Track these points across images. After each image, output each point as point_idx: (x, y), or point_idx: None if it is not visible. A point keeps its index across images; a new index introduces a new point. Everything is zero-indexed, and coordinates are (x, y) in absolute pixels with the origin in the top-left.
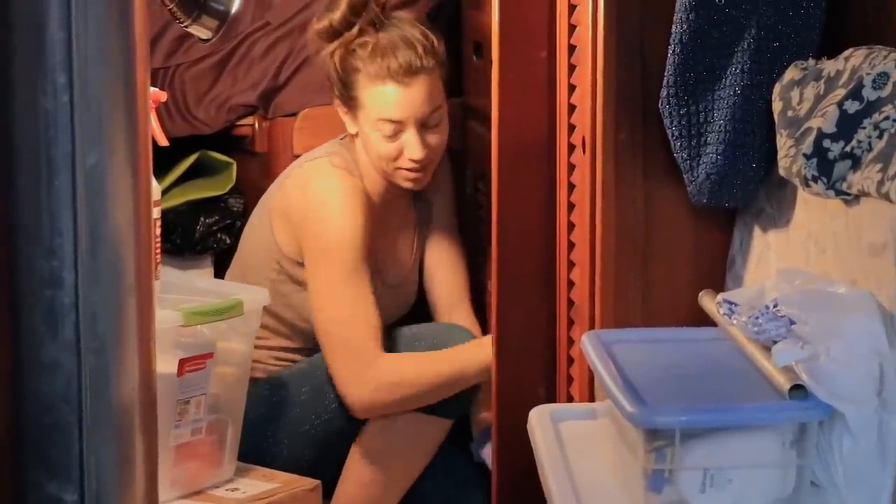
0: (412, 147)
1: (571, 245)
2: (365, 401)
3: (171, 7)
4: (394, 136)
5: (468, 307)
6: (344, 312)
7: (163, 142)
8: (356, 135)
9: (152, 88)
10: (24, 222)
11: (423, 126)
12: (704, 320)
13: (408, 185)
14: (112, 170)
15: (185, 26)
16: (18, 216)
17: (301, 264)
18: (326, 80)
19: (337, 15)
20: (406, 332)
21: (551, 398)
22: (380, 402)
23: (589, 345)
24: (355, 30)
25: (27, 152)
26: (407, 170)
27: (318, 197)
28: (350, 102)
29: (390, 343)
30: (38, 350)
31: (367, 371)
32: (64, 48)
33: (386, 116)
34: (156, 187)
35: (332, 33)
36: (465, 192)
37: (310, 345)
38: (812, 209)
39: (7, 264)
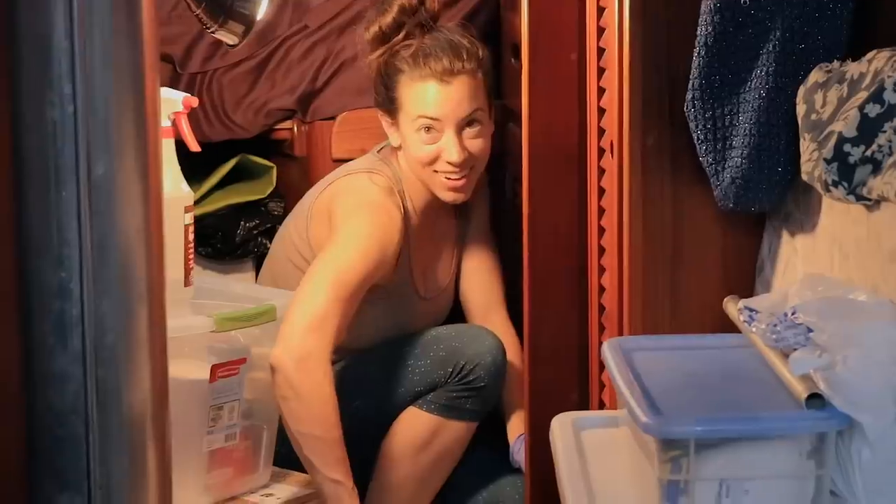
0: (450, 149)
1: (602, 250)
2: (273, 359)
3: (198, 13)
4: (432, 138)
5: (504, 315)
6: (318, 298)
7: (194, 147)
8: (399, 147)
9: (185, 94)
10: (33, 233)
11: (463, 129)
12: (734, 326)
13: (448, 196)
14: (120, 179)
15: (212, 32)
16: (27, 227)
17: None
18: (370, 86)
19: (388, 18)
20: (427, 335)
21: (584, 403)
22: (277, 374)
23: (609, 352)
24: (402, 33)
25: (36, 163)
26: (446, 176)
27: (351, 218)
28: (391, 105)
29: (410, 346)
30: (48, 361)
31: (292, 340)
32: (68, 58)
33: (424, 113)
34: (189, 193)
35: (382, 39)
36: (504, 196)
37: (337, 354)
38: (836, 214)
39: (16, 275)
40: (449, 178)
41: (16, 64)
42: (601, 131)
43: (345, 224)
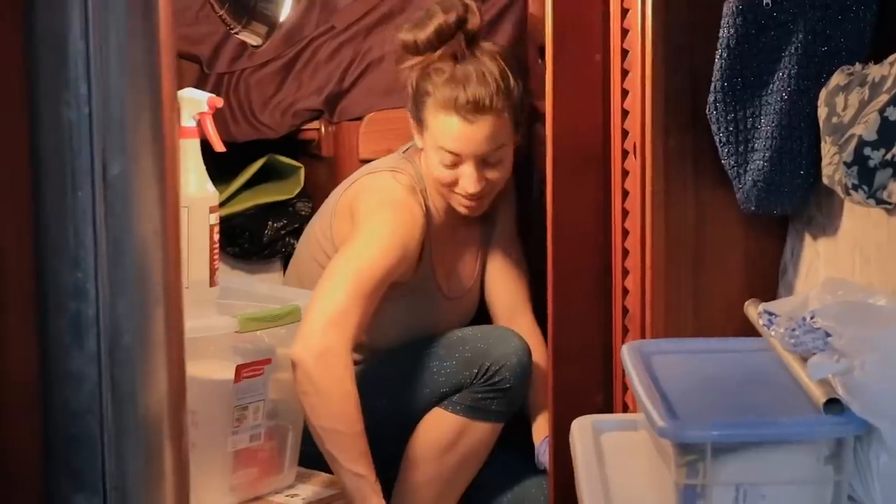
0: (468, 180)
1: (626, 252)
2: (294, 355)
3: (221, 14)
4: (452, 165)
5: (530, 317)
6: (338, 294)
7: (219, 147)
8: (422, 149)
9: (210, 94)
10: (50, 233)
11: (483, 162)
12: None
13: (462, 210)
14: (136, 180)
15: (236, 33)
16: (44, 227)
17: None
18: (397, 87)
19: (423, 35)
20: (452, 336)
21: (608, 405)
22: (298, 369)
23: (627, 356)
24: (437, 54)
25: (52, 163)
26: (463, 196)
27: (374, 215)
28: (418, 119)
29: (435, 347)
30: (64, 361)
31: (312, 335)
32: (84, 58)
33: (444, 146)
34: (214, 193)
35: (416, 50)
36: (531, 196)
37: (362, 354)
38: (857, 218)
39: (33, 275)
40: (464, 199)
41: (32, 64)
42: (625, 133)
43: (367, 221)
